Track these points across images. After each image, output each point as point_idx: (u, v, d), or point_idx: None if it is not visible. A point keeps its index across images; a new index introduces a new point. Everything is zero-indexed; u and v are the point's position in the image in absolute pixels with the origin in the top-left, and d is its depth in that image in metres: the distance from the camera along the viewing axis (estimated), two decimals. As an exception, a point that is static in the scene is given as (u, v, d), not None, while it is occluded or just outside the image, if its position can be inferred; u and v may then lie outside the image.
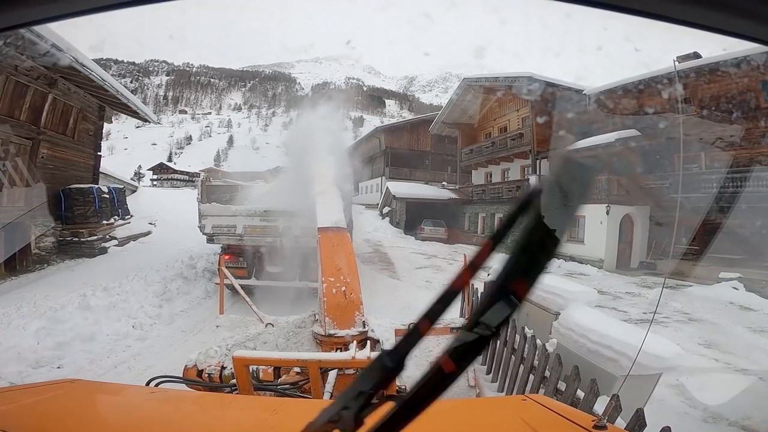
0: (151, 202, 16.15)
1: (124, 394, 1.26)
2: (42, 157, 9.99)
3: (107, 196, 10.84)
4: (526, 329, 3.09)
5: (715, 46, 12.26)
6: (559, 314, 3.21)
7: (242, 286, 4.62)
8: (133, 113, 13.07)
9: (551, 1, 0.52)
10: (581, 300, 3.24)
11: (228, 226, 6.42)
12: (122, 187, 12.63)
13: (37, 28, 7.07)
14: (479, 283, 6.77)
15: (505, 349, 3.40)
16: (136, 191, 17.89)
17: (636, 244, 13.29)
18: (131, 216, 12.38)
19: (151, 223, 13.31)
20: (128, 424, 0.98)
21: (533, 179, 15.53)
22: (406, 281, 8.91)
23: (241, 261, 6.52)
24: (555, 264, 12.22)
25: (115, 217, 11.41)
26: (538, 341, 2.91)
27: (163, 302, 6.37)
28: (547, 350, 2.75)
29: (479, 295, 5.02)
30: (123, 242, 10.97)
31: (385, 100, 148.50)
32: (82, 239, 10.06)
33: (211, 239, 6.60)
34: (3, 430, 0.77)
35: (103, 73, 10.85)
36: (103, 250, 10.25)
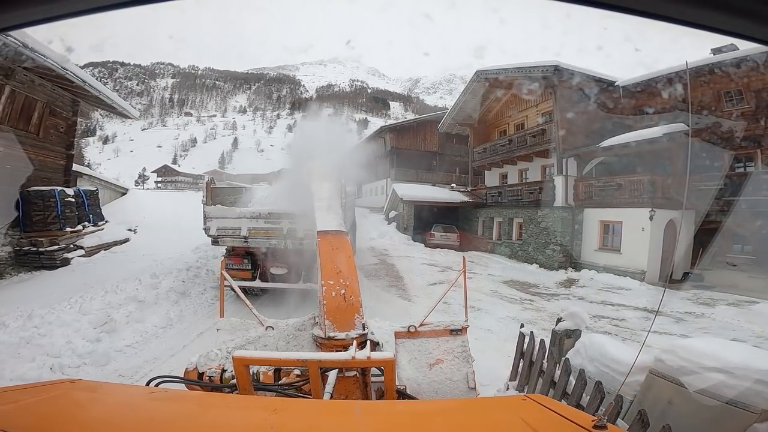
0: (140, 206, 14.87)
1: (124, 394, 1.25)
2: (-4, 156, 8.67)
3: (72, 199, 9.44)
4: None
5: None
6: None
7: (246, 289, 4.82)
8: (110, 108, 11.72)
9: (551, 0, 0.55)
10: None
11: (233, 228, 6.47)
12: (95, 189, 11.21)
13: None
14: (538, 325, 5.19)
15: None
16: (125, 194, 16.58)
17: (680, 253, 11.58)
18: (105, 222, 11.01)
19: (130, 230, 11.91)
20: (128, 424, 0.95)
21: (558, 180, 13.91)
22: (420, 303, 7.34)
23: (245, 263, 6.58)
24: (587, 276, 10.43)
25: (85, 223, 10.04)
26: None
27: (102, 334, 4.86)
28: None
29: (542, 346, 3.48)
30: (91, 252, 9.56)
31: (390, 102, 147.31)
32: (41, 249, 8.69)
33: (216, 241, 6.64)
34: (3, 430, 0.75)
35: (69, 63, 9.50)
36: (66, 262, 8.86)
